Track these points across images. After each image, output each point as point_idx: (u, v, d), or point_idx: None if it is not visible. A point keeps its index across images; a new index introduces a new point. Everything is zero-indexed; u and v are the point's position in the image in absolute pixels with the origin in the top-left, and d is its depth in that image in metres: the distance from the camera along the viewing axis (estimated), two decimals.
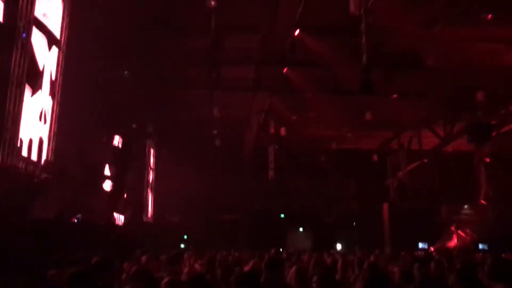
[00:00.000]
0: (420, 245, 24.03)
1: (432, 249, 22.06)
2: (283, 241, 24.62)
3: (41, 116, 10.68)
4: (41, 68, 10.62)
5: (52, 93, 11.21)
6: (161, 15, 13.49)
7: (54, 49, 11.22)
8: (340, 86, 16.25)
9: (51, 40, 11.03)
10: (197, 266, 7.98)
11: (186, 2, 13.12)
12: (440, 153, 21.38)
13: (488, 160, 20.16)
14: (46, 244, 9.39)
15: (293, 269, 4.53)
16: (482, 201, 21.00)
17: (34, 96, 10.23)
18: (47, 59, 10.91)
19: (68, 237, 10.63)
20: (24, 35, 9.45)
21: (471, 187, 21.22)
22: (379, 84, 14.67)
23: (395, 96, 16.60)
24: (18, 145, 9.36)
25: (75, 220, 13.36)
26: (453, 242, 22.63)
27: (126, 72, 15.82)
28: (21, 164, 9.56)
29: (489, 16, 12.37)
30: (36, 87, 10.32)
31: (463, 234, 22.58)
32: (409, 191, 23.10)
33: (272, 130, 20.59)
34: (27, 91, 9.74)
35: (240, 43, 15.01)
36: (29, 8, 9.54)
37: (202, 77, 15.32)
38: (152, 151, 23.05)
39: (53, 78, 11.22)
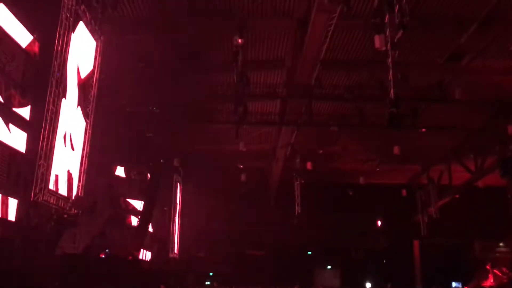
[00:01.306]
0: (454, 284, 23.17)
1: None
2: (310, 278, 24.07)
3: (73, 152, 10.92)
4: (73, 106, 10.94)
5: (84, 132, 11.49)
6: (190, 52, 13.82)
7: (86, 85, 11.57)
8: (367, 120, 16.14)
9: (82, 79, 11.40)
10: None
11: (214, 39, 13.43)
12: (472, 188, 20.79)
13: None
14: (73, 278, 9.41)
15: None
16: None
17: (67, 134, 10.50)
18: (78, 96, 11.23)
19: (95, 272, 10.64)
20: (58, 74, 9.78)
21: (505, 224, 20.45)
22: (406, 118, 14.54)
23: (423, 129, 16.37)
24: (50, 180, 9.55)
25: (103, 255, 13.39)
26: (489, 282, 21.70)
27: (155, 108, 16.13)
28: (52, 199, 9.72)
29: None
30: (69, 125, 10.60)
31: (499, 273, 21.64)
32: (440, 227, 22.42)
33: (298, 164, 20.48)
34: (60, 128, 10.00)
35: (266, 78, 15.19)
36: (64, 48, 9.90)
37: (228, 112, 15.49)
38: (178, 185, 23.16)
39: (84, 114, 11.52)
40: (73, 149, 11.05)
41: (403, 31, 10.89)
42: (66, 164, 10.66)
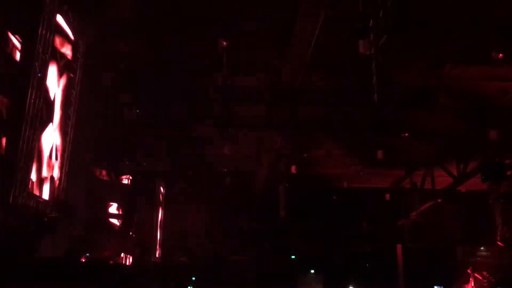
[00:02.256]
0: None
1: None
2: (294, 283, 24.01)
3: (52, 154, 10.72)
4: (54, 107, 10.75)
5: (64, 132, 11.30)
6: (173, 55, 13.71)
7: (68, 87, 11.39)
8: (350, 125, 16.21)
9: (65, 78, 11.22)
10: None
11: (197, 41, 13.34)
12: (454, 192, 21.01)
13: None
14: (55, 283, 9.21)
15: None
16: (499, 243, 20.44)
17: (47, 134, 10.30)
18: (60, 98, 11.05)
19: (76, 276, 10.44)
20: (39, 74, 9.60)
21: (487, 228, 20.70)
22: (390, 123, 14.63)
23: (406, 134, 16.50)
24: (30, 183, 9.35)
25: (84, 260, 13.18)
26: (470, 285, 21.92)
27: (137, 111, 15.98)
28: (31, 203, 9.51)
29: (501, 55, 12.39)
30: (48, 125, 10.41)
31: (480, 277, 21.87)
32: (423, 231, 22.60)
33: (282, 168, 20.47)
34: (40, 129, 9.81)
35: (251, 81, 15.14)
36: (46, 49, 9.72)
37: (212, 115, 15.40)
38: (161, 189, 22.96)
39: (65, 116, 11.33)
40: (56, 158, 10.87)
41: (387, 36, 10.98)
42: (49, 170, 10.47)
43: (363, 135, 16.74)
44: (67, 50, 11.26)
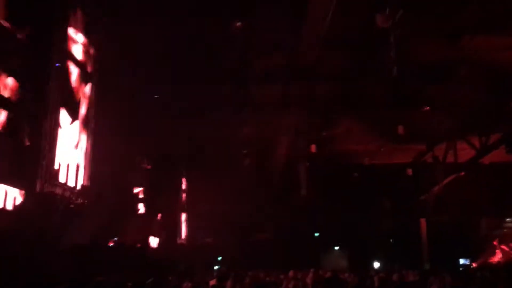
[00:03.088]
0: (462, 261, 23.23)
1: (474, 265, 21.29)
2: (318, 261, 24.20)
3: (77, 143, 10.95)
4: (77, 98, 10.95)
5: (87, 121, 11.51)
6: (189, 38, 13.71)
7: (89, 79, 11.56)
8: (369, 100, 16.03)
9: (85, 70, 11.38)
10: None
11: (213, 23, 13.31)
12: (477, 165, 20.70)
13: None
14: (82, 267, 9.50)
15: None
16: None
17: (72, 124, 10.52)
18: (83, 89, 11.24)
19: (104, 260, 10.74)
20: (57, 64, 9.76)
21: (511, 199, 20.42)
22: (410, 97, 14.46)
23: (427, 108, 16.26)
24: (55, 171, 9.60)
25: (111, 244, 13.51)
26: (497, 257, 21.77)
27: (156, 96, 16.10)
28: (58, 190, 9.78)
29: None
30: (73, 116, 10.62)
31: (506, 249, 21.70)
32: (447, 205, 22.40)
33: (302, 147, 20.45)
34: (65, 118, 10.01)
35: (267, 61, 15.06)
36: (63, 38, 9.87)
37: (230, 97, 15.42)
38: (183, 172, 23.25)
39: (88, 107, 11.54)
40: (81, 149, 11.10)
41: (404, 9, 10.80)
42: (71, 155, 10.70)
43: (382, 110, 16.56)
44: (84, 38, 11.40)
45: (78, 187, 10.81)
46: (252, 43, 13.63)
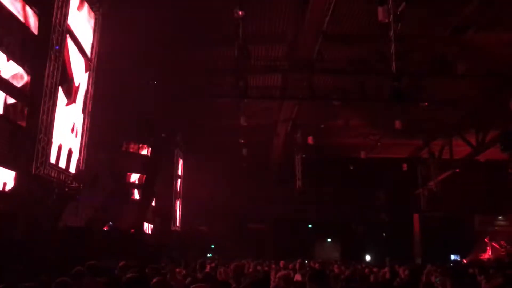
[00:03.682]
0: (453, 257, 23.43)
1: (464, 261, 21.49)
2: (311, 251, 24.36)
3: (73, 127, 10.93)
4: (75, 82, 10.90)
5: (84, 105, 11.48)
6: (190, 26, 13.64)
7: (86, 63, 11.50)
8: (369, 94, 16.03)
9: (83, 54, 11.32)
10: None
11: (214, 12, 13.24)
12: (472, 162, 20.81)
13: None
14: (76, 250, 9.54)
15: None
16: None
17: (68, 107, 10.48)
18: (81, 73, 11.18)
19: (98, 245, 10.79)
20: (57, 47, 9.71)
21: (504, 198, 20.56)
22: (408, 92, 14.45)
23: (425, 104, 16.28)
24: (51, 154, 9.58)
25: (106, 228, 13.55)
26: (487, 254, 21.98)
27: (155, 82, 16.03)
28: (53, 173, 9.77)
29: None
30: (70, 99, 10.58)
31: (497, 246, 21.89)
32: (441, 201, 22.54)
33: (299, 139, 20.49)
34: (61, 102, 9.98)
35: (267, 52, 15.03)
36: (62, 21, 9.80)
37: (229, 86, 15.38)
38: (180, 160, 23.26)
39: (85, 91, 11.49)
40: (77, 133, 11.07)
41: (406, 3, 10.75)
42: (70, 142, 10.69)
43: (380, 104, 16.56)
44: (83, 23, 11.32)
45: (74, 171, 10.81)
46: (252, 33, 13.56)
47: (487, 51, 14.34)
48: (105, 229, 14.06)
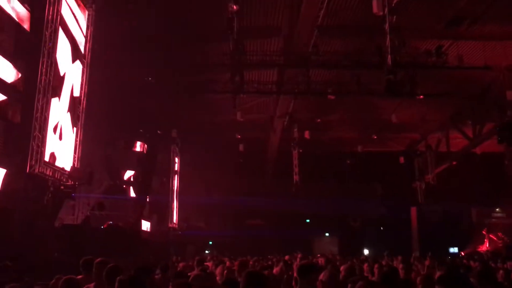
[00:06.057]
0: (451, 249, 23.48)
1: (462, 253, 21.53)
2: (309, 246, 24.35)
3: (67, 125, 10.83)
4: (69, 78, 10.79)
5: (79, 101, 11.38)
6: (184, 21, 13.54)
7: (78, 60, 11.39)
8: (364, 88, 15.98)
9: (75, 50, 11.21)
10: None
11: (208, 7, 13.14)
12: (469, 154, 20.82)
13: None
14: (73, 249, 9.48)
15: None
16: None
17: (60, 104, 10.39)
18: (71, 69, 11.07)
19: (94, 242, 10.72)
20: (50, 44, 9.62)
21: (501, 190, 20.57)
22: (404, 85, 14.40)
23: (421, 96, 16.24)
24: (45, 152, 9.50)
25: (105, 226, 13.48)
26: (485, 246, 22.03)
27: (150, 78, 15.95)
28: (48, 171, 9.70)
29: None
30: (65, 95, 10.49)
31: (494, 238, 21.94)
32: (438, 193, 22.55)
33: (296, 134, 20.45)
34: (54, 99, 9.89)
35: (263, 46, 14.94)
36: (54, 17, 9.70)
37: (225, 82, 15.30)
38: (176, 156, 23.18)
39: (79, 87, 11.39)
40: (71, 128, 10.96)
41: None
42: (65, 139, 10.60)
43: (377, 98, 16.53)
44: (76, 19, 11.22)
45: (69, 168, 10.73)
46: (247, 27, 13.47)
47: (483, 43, 14.32)
48: (104, 227, 13.98)
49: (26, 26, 9.51)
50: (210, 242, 25.02)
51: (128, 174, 18.56)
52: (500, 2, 12.02)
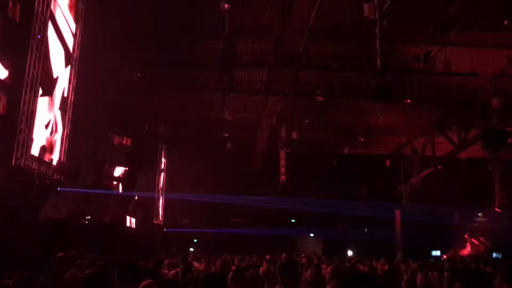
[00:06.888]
0: (433, 252, 23.73)
1: (444, 257, 21.80)
2: (293, 246, 24.44)
3: (54, 119, 10.75)
4: (54, 72, 10.69)
5: (66, 96, 11.29)
6: (175, 18, 13.50)
7: (66, 55, 11.30)
8: (353, 91, 16.11)
9: (68, 56, 11.12)
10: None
11: (199, 5, 13.12)
12: (454, 159, 21.09)
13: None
14: (57, 243, 9.40)
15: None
16: (497, 209, 20.68)
17: (48, 98, 10.30)
18: (61, 64, 10.98)
19: (79, 237, 10.65)
20: (39, 36, 9.52)
21: (485, 194, 20.88)
22: (392, 89, 14.53)
23: (408, 101, 16.41)
24: (31, 145, 9.42)
25: (85, 221, 13.39)
26: (467, 250, 22.32)
27: (138, 74, 15.88)
28: (34, 165, 9.61)
29: (506, 22, 12.20)
30: (50, 89, 10.40)
31: (476, 242, 22.25)
32: (422, 197, 22.81)
33: (283, 134, 20.51)
34: (41, 93, 9.80)
35: (253, 46, 14.97)
36: (44, 9, 9.61)
37: (214, 80, 15.30)
38: (163, 153, 23.09)
39: (67, 80, 11.30)
40: (58, 122, 10.87)
41: (392, 0, 10.80)
42: (48, 130, 10.51)
43: (365, 100, 16.65)
44: (66, 12, 11.12)
45: (55, 162, 10.64)
46: (239, 26, 13.47)
47: (472, 50, 14.52)
48: (83, 221, 13.87)
49: (14, 16, 9.39)
50: (195, 240, 24.97)
51: (114, 169, 18.44)
52: (488, 10, 12.19)
